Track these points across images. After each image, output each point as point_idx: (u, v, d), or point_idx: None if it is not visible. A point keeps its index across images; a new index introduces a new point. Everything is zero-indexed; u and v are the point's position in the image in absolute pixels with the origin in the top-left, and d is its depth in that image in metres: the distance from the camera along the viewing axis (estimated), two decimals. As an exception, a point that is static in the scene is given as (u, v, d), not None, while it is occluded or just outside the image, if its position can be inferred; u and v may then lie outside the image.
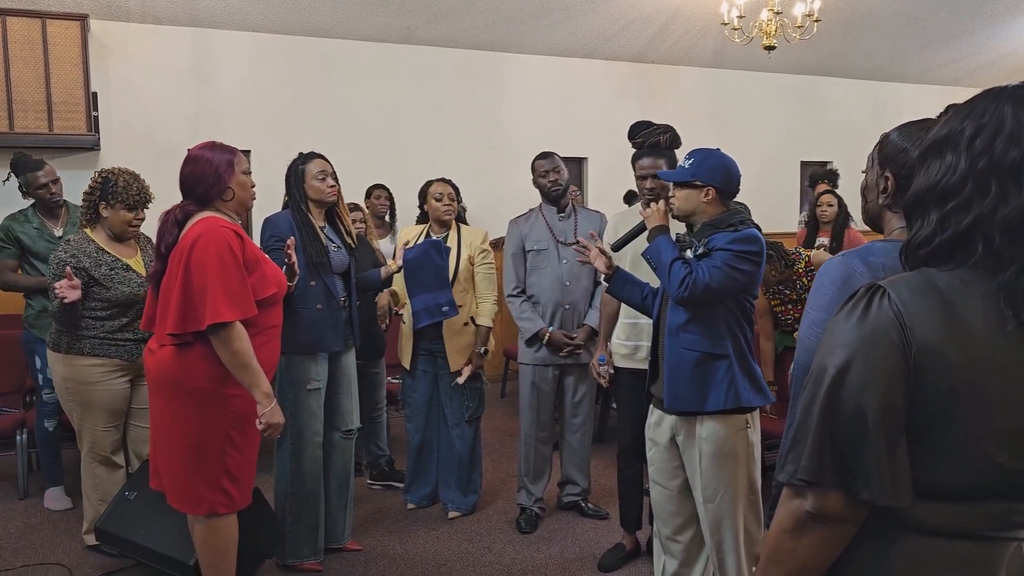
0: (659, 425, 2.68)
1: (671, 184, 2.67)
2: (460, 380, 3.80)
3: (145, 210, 3.37)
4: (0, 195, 4.41)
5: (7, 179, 4.23)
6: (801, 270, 4.10)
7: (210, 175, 2.63)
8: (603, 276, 2.83)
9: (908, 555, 1.12)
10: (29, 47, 5.13)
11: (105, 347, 3.30)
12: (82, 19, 5.28)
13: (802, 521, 1.14)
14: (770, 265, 3.94)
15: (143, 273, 3.36)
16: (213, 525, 2.70)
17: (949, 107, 1.48)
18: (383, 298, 3.97)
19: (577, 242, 2.93)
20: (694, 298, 2.41)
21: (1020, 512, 1.10)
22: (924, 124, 1.48)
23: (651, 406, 2.73)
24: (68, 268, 3.13)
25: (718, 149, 2.59)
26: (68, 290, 3.11)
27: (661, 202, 2.68)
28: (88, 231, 3.34)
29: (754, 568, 2.57)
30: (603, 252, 2.81)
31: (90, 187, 3.33)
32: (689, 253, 2.49)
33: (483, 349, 3.86)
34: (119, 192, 3.26)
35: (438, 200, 3.88)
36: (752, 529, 2.56)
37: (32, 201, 4.07)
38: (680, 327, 2.51)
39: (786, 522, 1.16)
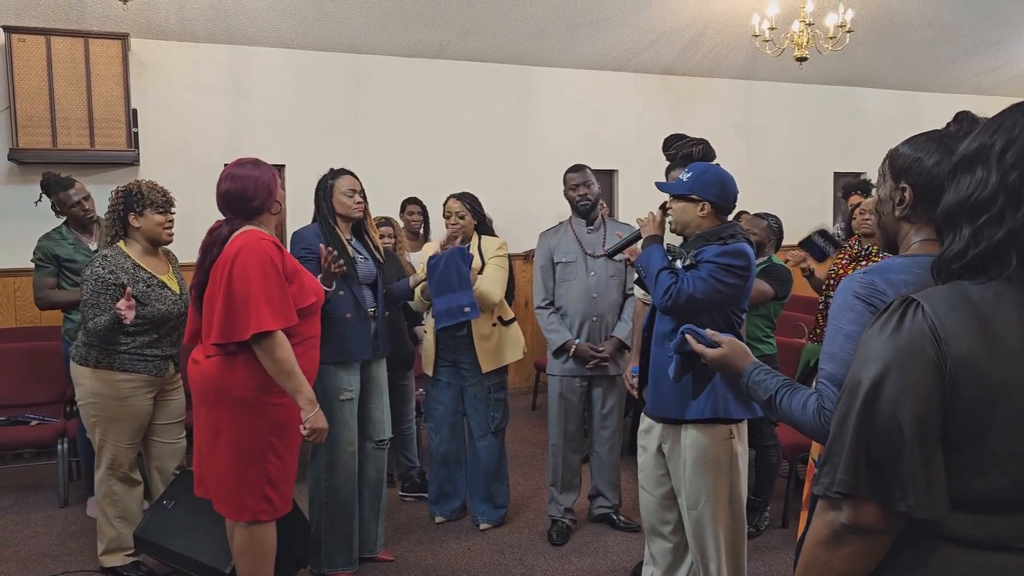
0: (648, 432, 2.73)
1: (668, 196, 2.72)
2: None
3: (172, 213, 3.39)
4: (34, 213, 4.48)
5: (39, 200, 4.30)
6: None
7: (262, 189, 2.72)
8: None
9: (944, 567, 1.12)
10: (72, 66, 5.26)
11: (135, 362, 3.29)
12: (123, 38, 5.40)
13: (838, 533, 1.14)
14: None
15: (176, 290, 3.38)
16: (254, 534, 2.74)
17: (958, 114, 1.47)
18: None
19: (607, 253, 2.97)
20: (677, 307, 2.46)
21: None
22: (932, 135, 1.46)
23: (643, 413, 2.77)
24: (128, 288, 3.16)
25: (717, 164, 2.64)
26: (128, 311, 3.12)
27: (656, 211, 2.76)
28: (121, 245, 3.34)
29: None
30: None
31: (112, 204, 3.34)
32: (678, 263, 2.54)
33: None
34: (145, 197, 3.29)
35: (446, 218, 3.92)
36: (735, 538, 2.60)
37: (64, 219, 4.15)
38: (666, 335, 2.56)
39: (821, 534, 1.16)
